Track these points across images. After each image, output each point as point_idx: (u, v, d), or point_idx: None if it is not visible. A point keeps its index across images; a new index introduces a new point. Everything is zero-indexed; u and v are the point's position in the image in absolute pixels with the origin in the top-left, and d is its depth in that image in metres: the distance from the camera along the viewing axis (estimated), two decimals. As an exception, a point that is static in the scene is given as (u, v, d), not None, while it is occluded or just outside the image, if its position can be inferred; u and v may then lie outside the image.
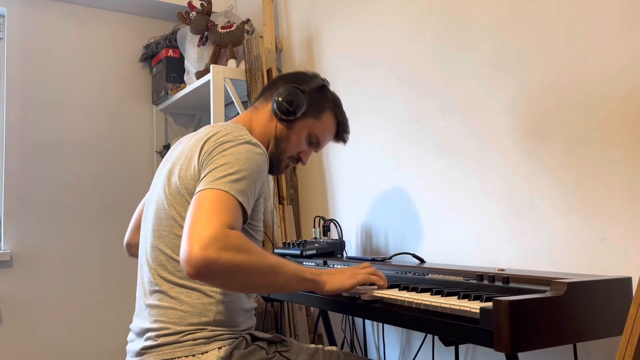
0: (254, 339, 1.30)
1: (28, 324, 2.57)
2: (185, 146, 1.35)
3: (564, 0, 1.46)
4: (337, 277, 1.26)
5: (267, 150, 1.41)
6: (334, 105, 1.54)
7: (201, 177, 1.20)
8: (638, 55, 1.30)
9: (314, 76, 1.53)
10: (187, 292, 1.25)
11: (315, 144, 1.52)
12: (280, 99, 1.43)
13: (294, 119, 1.45)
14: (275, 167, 1.47)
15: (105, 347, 2.70)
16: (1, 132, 2.62)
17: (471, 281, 1.28)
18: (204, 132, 1.34)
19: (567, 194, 1.45)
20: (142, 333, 1.29)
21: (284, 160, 1.49)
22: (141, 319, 1.31)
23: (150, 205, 1.38)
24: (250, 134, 1.32)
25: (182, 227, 1.23)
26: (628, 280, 1.14)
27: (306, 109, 1.45)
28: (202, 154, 1.25)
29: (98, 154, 2.79)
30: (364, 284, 1.30)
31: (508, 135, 1.61)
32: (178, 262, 1.24)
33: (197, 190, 1.16)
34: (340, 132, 1.58)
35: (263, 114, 1.47)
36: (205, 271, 1.03)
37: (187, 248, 1.03)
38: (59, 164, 2.70)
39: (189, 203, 1.22)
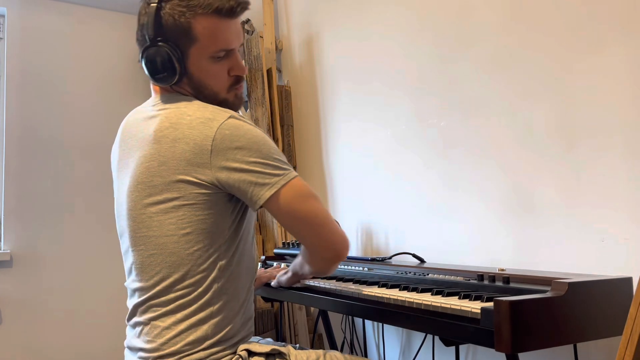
0: (251, 354, 1.23)
1: (28, 324, 2.56)
2: (148, 151, 1.22)
3: (563, 0, 1.47)
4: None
5: (217, 104, 1.22)
6: (189, 11, 1.16)
7: (251, 181, 1.15)
8: (638, 55, 1.30)
9: (146, 11, 1.19)
10: (177, 308, 1.17)
11: (227, 51, 1.22)
12: (150, 73, 1.20)
13: (180, 67, 1.18)
14: (230, 106, 1.24)
15: (105, 347, 2.70)
16: (1, 132, 2.62)
17: (472, 281, 1.28)
18: (168, 131, 1.17)
19: (567, 194, 1.45)
20: (135, 350, 1.22)
21: (229, 92, 1.26)
22: (133, 337, 1.24)
23: (125, 223, 1.27)
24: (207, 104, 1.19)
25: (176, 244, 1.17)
26: (628, 280, 1.14)
27: (174, 49, 1.17)
28: (205, 155, 1.13)
29: (98, 154, 2.79)
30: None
31: (508, 135, 1.61)
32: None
33: (266, 195, 1.18)
34: (226, 11, 1.19)
35: (169, 88, 1.25)
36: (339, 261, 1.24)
37: (335, 251, 1.22)
38: (59, 164, 2.70)
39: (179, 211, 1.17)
